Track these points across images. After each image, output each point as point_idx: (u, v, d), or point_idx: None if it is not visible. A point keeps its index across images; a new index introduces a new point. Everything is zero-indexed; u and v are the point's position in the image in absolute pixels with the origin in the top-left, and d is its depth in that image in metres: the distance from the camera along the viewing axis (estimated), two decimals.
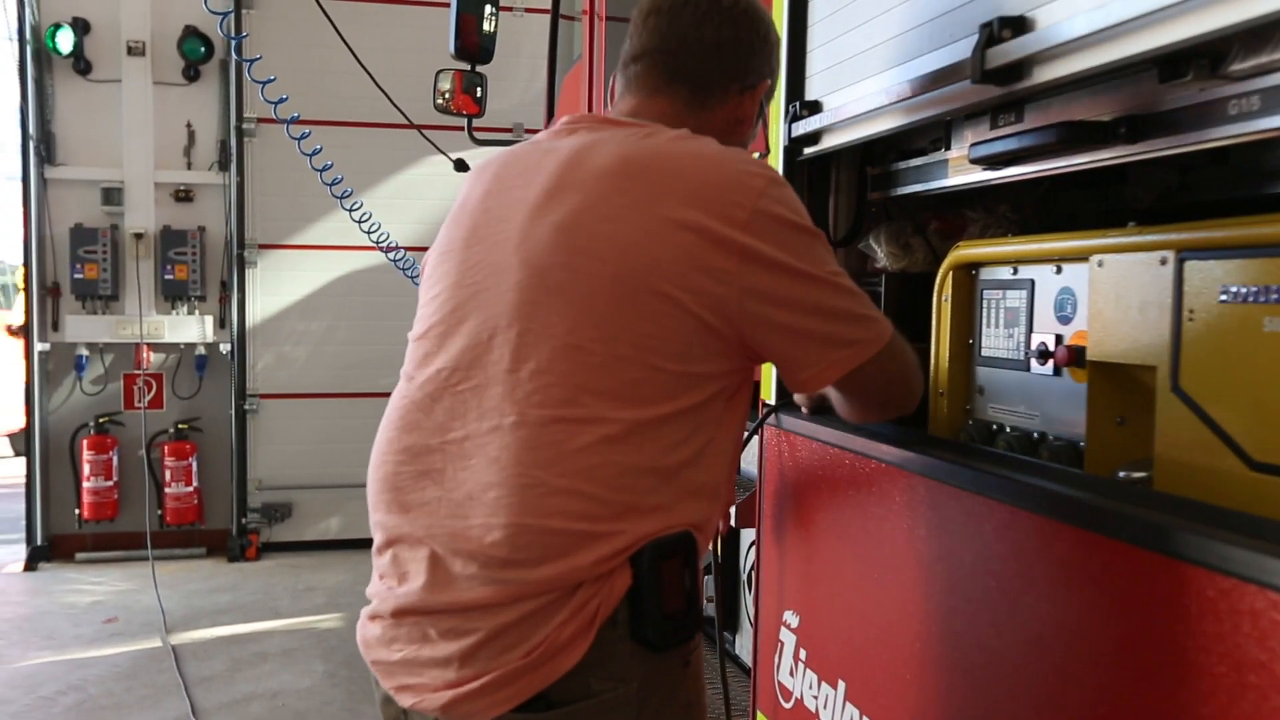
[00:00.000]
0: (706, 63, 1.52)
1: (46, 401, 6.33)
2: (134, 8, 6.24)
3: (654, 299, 1.32)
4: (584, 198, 1.37)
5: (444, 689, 1.34)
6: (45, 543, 6.28)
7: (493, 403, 1.34)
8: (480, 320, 1.39)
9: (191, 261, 6.38)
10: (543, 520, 1.30)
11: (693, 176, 1.35)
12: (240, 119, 6.36)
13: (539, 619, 1.31)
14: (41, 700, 4.12)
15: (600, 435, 1.31)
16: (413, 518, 1.39)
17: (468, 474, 1.35)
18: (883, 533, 1.60)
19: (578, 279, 1.33)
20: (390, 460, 1.43)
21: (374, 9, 6.12)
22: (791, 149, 1.99)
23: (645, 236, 1.33)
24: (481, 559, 1.32)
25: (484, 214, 1.46)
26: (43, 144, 6.19)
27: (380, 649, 1.41)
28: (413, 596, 1.36)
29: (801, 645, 1.88)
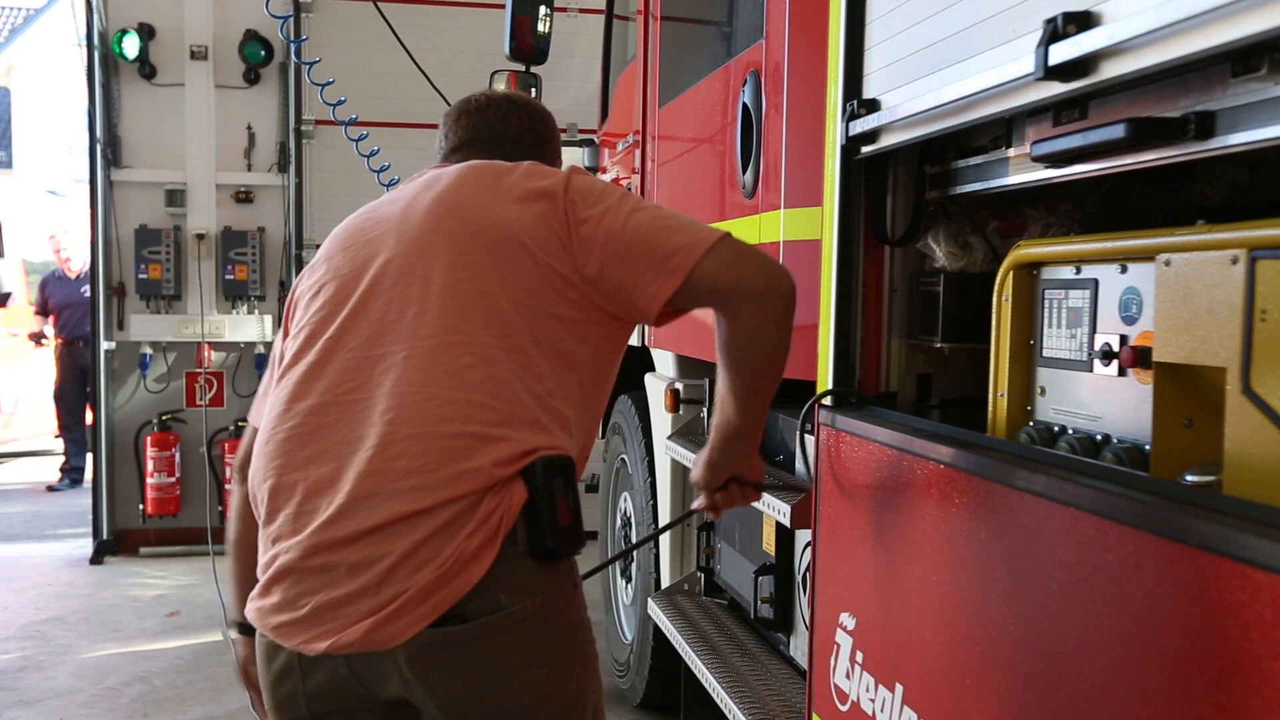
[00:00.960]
0: (517, 147, 1.81)
1: (112, 399, 6.46)
2: (197, 13, 6.35)
3: (510, 246, 1.57)
4: (440, 190, 1.65)
5: (362, 619, 1.42)
6: (111, 537, 6.41)
7: (383, 349, 1.53)
8: (364, 292, 1.59)
9: (251, 261, 6.48)
10: (439, 426, 1.46)
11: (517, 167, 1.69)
12: (299, 121, 6.45)
13: (448, 532, 1.43)
14: (108, 690, 4.21)
15: (481, 356, 1.51)
16: (317, 466, 1.50)
17: (366, 411, 1.49)
18: (941, 535, 1.59)
19: (444, 239, 1.59)
20: (281, 427, 1.55)
21: (430, 11, 6.18)
22: (848, 148, 1.98)
23: (495, 203, 1.62)
24: (386, 474, 1.44)
25: (353, 230, 1.71)
26: (109, 147, 6.33)
27: (283, 613, 1.48)
28: (320, 534, 1.45)
29: (858, 648, 1.86)
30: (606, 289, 1.61)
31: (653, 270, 1.59)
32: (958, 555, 1.54)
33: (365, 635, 1.42)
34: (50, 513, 7.89)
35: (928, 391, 2.07)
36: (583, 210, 1.61)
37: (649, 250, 1.59)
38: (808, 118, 2.33)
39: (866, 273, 2.03)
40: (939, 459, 1.60)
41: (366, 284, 1.60)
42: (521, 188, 1.64)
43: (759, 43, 2.63)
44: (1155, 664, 1.15)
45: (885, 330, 2.06)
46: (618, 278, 1.60)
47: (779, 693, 2.56)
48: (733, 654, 2.86)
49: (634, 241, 1.60)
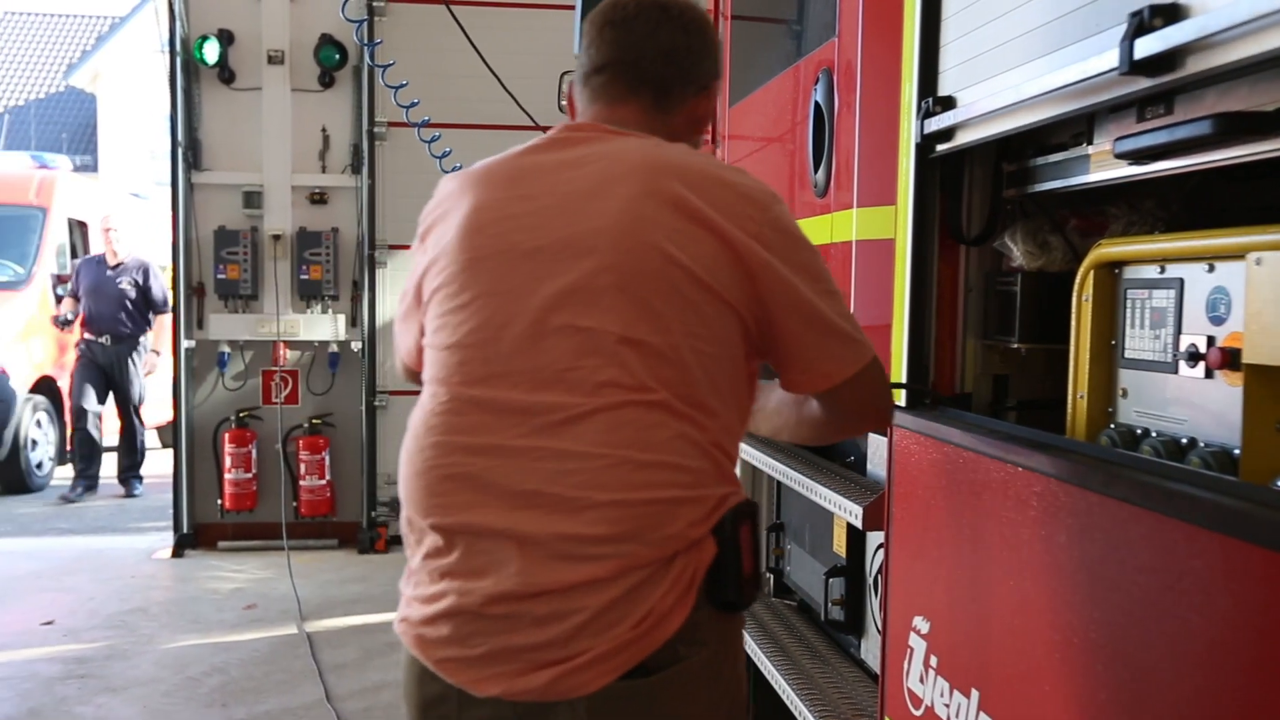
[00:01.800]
0: (665, 70, 1.63)
1: (192, 396, 6.62)
2: (274, 18, 6.49)
3: (696, 290, 1.45)
4: (621, 202, 1.47)
5: (544, 668, 1.40)
6: (190, 531, 6.57)
7: (556, 398, 1.43)
8: (527, 324, 1.46)
9: (325, 262, 6.59)
10: (635, 493, 1.41)
11: (708, 182, 1.50)
12: (371, 123, 6.55)
13: (644, 590, 1.40)
14: (189, 680, 4.32)
15: (671, 414, 1.44)
16: (484, 513, 1.43)
17: (540, 464, 1.42)
18: (1019, 539, 1.56)
19: (626, 277, 1.44)
20: (440, 461, 1.48)
21: (500, 13, 6.23)
22: (923, 146, 1.95)
23: (680, 236, 1.45)
24: (580, 538, 1.39)
25: (511, 222, 1.52)
26: (190, 151, 6.49)
27: (451, 647, 1.44)
28: (506, 585, 1.41)
29: (932, 652, 1.84)
30: (761, 345, 1.55)
31: (800, 367, 1.55)
32: (1036, 560, 1.51)
33: (548, 684, 1.40)
34: (133, 507, 8.12)
35: (1004, 393, 2.04)
36: (776, 267, 1.48)
37: (817, 346, 1.53)
38: (881, 116, 2.30)
39: (941, 272, 2.01)
40: (1016, 461, 1.58)
41: (531, 318, 1.46)
42: (702, 213, 1.47)
43: (831, 41, 2.61)
44: (1245, 675, 1.12)
45: (960, 330, 2.03)
46: (775, 350, 1.55)
47: (850, 696, 2.54)
48: (803, 656, 2.84)
49: (811, 330, 1.52)
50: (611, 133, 1.58)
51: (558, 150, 1.57)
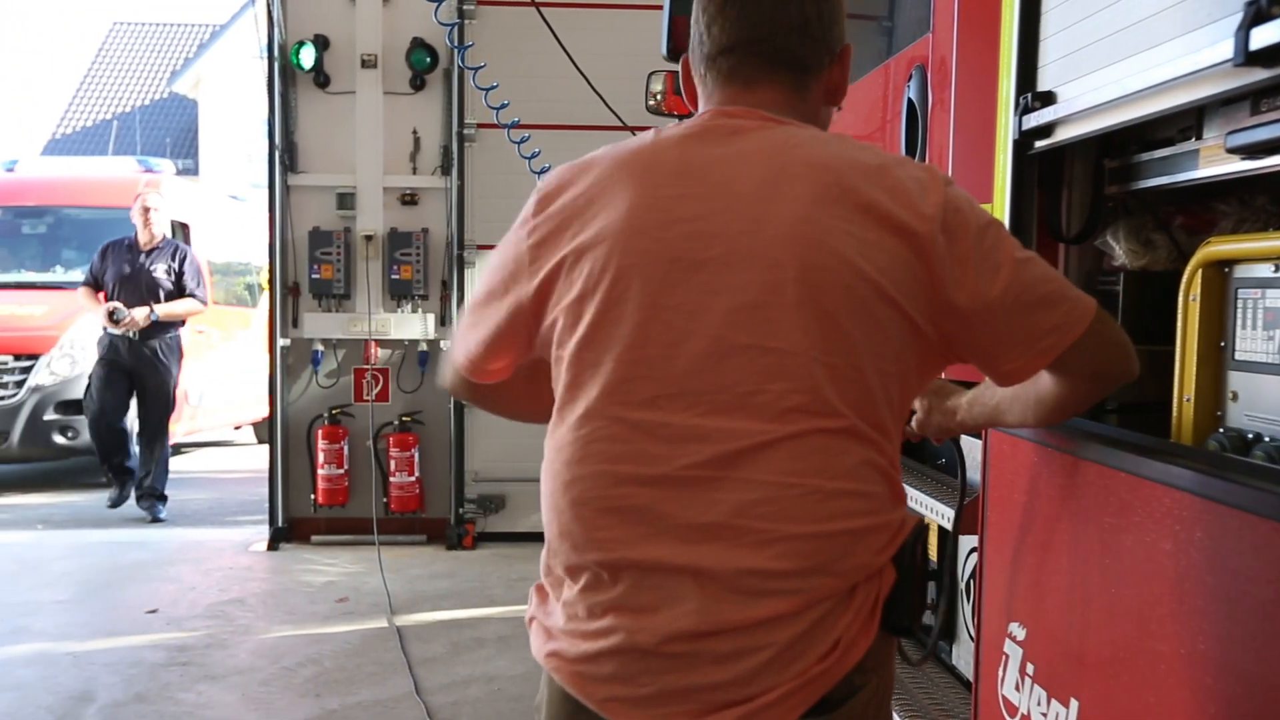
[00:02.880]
0: (801, 44, 1.49)
1: (287, 393, 6.78)
2: (368, 23, 6.62)
3: (883, 307, 1.34)
4: (801, 207, 1.35)
5: (726, 708, 1.32)
6: (285, 525, 6.73)
7: (737, 424, 1.32)
8: (703, 343, 1.34)
9: (416, 262, 6.70)
10: (823, 525, 1.33)
11: (884, 178, 1.37)
12: (461, 125, 6.64)
13: (829, 622, 1.33)
14: (284, 670, 4.43)
15: (857, 439, 1.34)
16: (656, 547, 1.34)
17: (720, 495, 1.32)
18: (1122, 545, 1.52)
19: (811, 293, 1.33)
20: (605, 493, 1.37)
21: (589, 14, 6.26)
22: (1021, 143, 1.91)
23: (865, 246, 1.34)
24: (764, 573, 1.31)
25: (673, 229, 1.37)
26: (286, 153, 6.65)
27: (615, 686, 1.36)
28: (682, 623, 1.32)
29: (1029, 659, 1.80)
30: (960, 347, 1.42)
31: (1021, 347, 1.40)
32: (1140, 568, 1.47)
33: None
34: (231, 500, 8.36)
35: None
36: (961, 253, 1.35)
37: (1024, 323, 1.38)
38: (976, 113, 2.26)
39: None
40: (1119, 465, 1.53)
41: (709, 335, 1.34)
42: (884, 211, 1.34)
43: (925, 37, 2.57)
44: None
45: None
46: (980, 343, 1.41)
47: (941, 702, 2.50)
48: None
49: (1013, 308, 1.37)
50: (772, 120, 1.44)
51: (720, 142, 1.43)
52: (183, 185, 11.12)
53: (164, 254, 7.33)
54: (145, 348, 7.25)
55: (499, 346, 1.52)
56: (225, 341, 10.84)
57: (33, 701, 4.06)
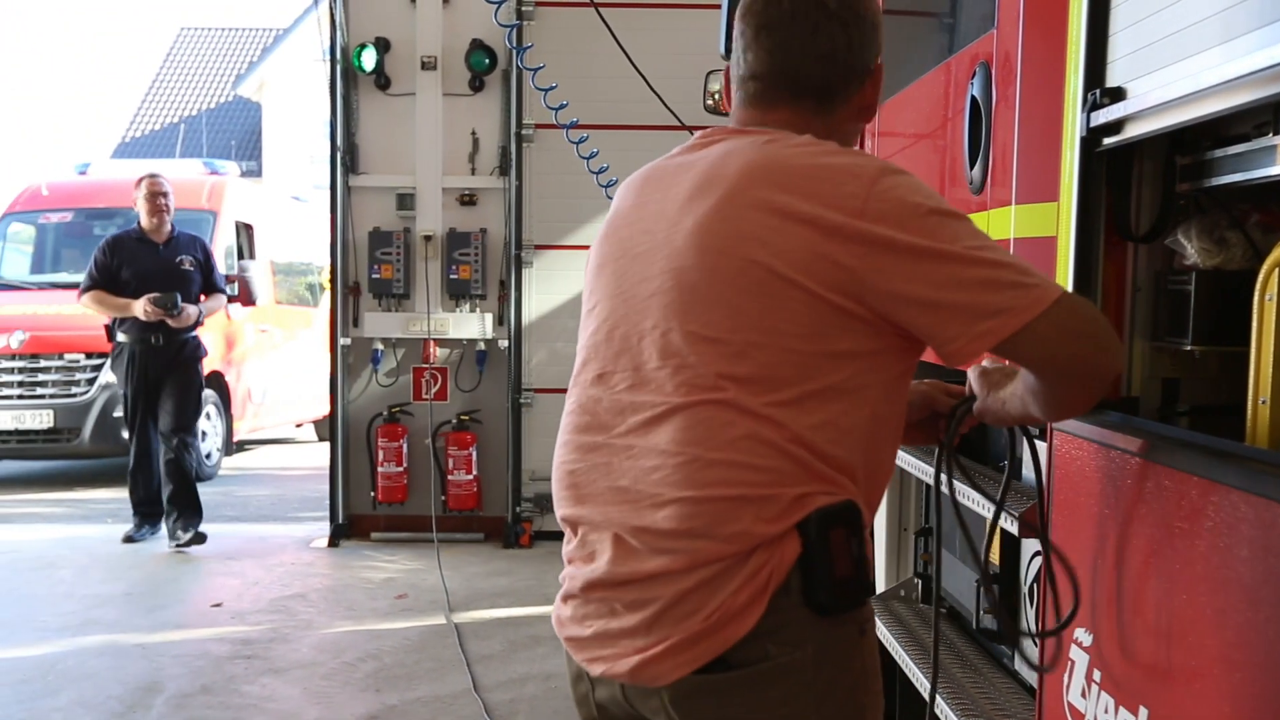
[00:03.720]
0: (828, 73, 1.59)
1: (347, 392, 6.88)
2: (428, 25, 6.69)
3: (780, 285, 1.43)
4: (712, 203, 1.49)
5: (631, 655, 1.48)
6: (345, 521, 6.83)
7: (646, 397, 1.50)
8: (630, 325, 1.54)
9: (474, 262, 6.76)
10: (704, 491, 1.44)
11: (807, 174, 1.46)
12: (519, 125, 6.69)
13: (715, 585, 1.43)
14: (345, 665, 4.50)
15: (742, 413, 1.43)
16: (591, 506, 1.55)
17: (631, 462, 1.51)
18: (1194, 551, 1.48)
19: (708, 276, 1.47)
20: (567, 458, 1.60)
21: (647, 14, 6.27)
22: (1089, 140, 1.88)
23: (768, 232, 1.44)
24: (655, 532, 1.46)
25: (630, 227, 1.61)
26: (348, 155, 6.75)
27: (573, 626, 1.57)
28: (599, 572, 1.52)
29: (1095, 666, 1.76)
30: (910, 330, 1.45)
31: (957, 327, 1.40)
32: (1213, 574, 1.43)
33: (633, 670, 1.48)
34: (292, 497, 8.50)
35: (1174, 397, 1.94)
36: (887, 238, 1.40)
37: (961, 304, 1.39)
38: (1042, 110, 2.22)
39: (1107, 271, 1.92)
40: (1190, 469, 1.50)
41: (631, 323, 1.54)
42: (791, 204, 1.43)
43: (989, 33, 2.53)
44: None
45: (1128, 332, 1.94)
46: (922, 326, 1.43)
47: (1003, 708, 2.46)
48: (953, 664, 2.77)
49: (948, 288, 1.39)
50: (735, 133, 1.59)
51: (686, 154, 1.61)
52: (247, 187, 11.32)
53: (184, 246, 6.56)
54: (176, 351, 6.45)
55: None
56: (287, 341, 11.02)
57: (103, 691, 4.16)
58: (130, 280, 6.32)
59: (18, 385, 8.81)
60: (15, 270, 9.94)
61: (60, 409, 8.71)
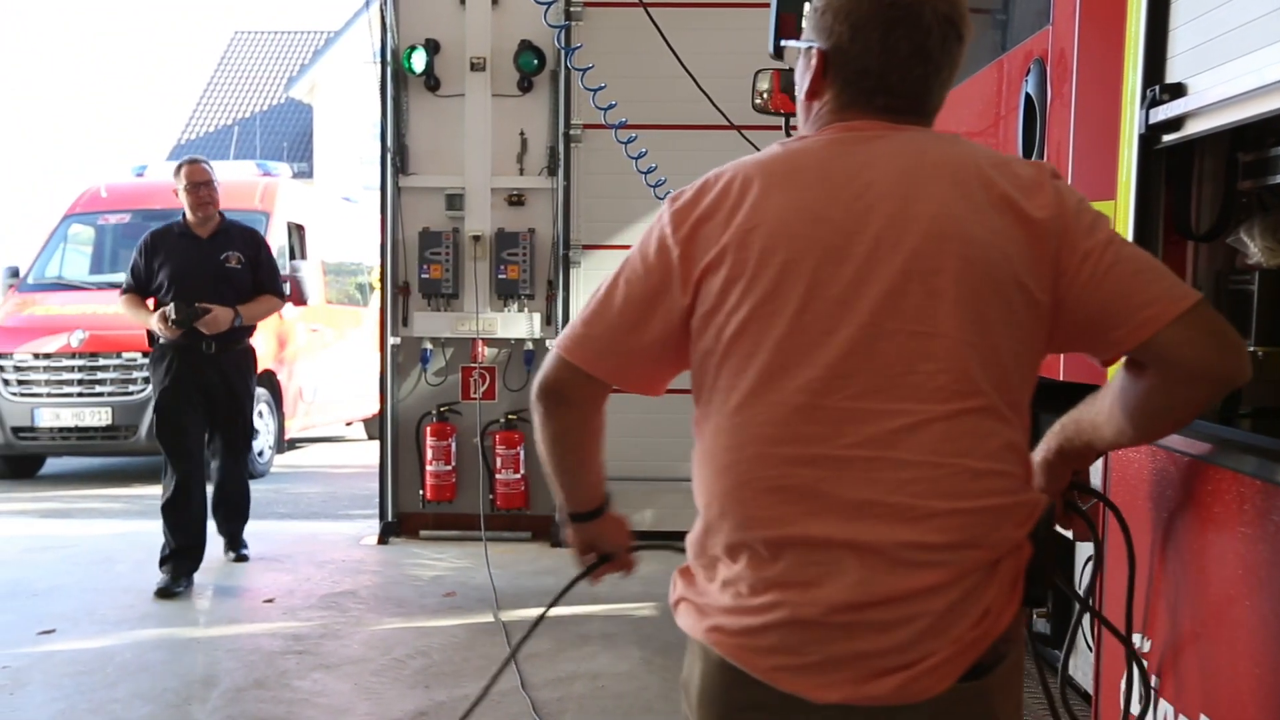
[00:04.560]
0: (940, 96, 1.56)
1: (397, 390, 6.93)
2: (477, 26, 6.72)
3: (1015, 288, 1.41)
4: (930, 204, 1.43)
5: (890, 674, 1.40)
6: (395, 519, 6.88)
7: (892, 404, 1.41)
8: (856, 327, 1.41)
9: (522, 262, 6.78)
10: (976, 502, 1.40)
11: (1014, 174, 1.45)
12: (568, 126, 6.70)
13: (978, 593, 1.41)
14: (394, 661, 4.54)
15: (999, 420, 1.43)
16: (822, 522, 1.42)
17: (878, 474, 1.41)
18: (1257, 555, 1.45)
19: (954, 277, 1.40)
20: (768, 473, 1.44)
21: (695, 14, 6.26)
22: (1148, 137, 1.85)
23: (996, 234, 1.41)
24: (924, 546, 1.39)
25: (815, 225, 1.45)
26: (398, 156, 6.81)
27: (780, 656, 1.43)
28: (844, 594, 1.40)
29: (1153, 672, 1.73)
30: (1067, 325, 1.46)
31: (1124, 314, 1.41)
32: (1276, 579, 1.40)
33: (897, 689, 1.41)
34: (343, 495, 8.60)
35: (1236, 399, 1.91)
36: (1080, 240, 1.42)
37: (1128, 290, 1.41)
38: (1099, 107, 2.19)
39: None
40: (1254, 472, 1.47)
41: (859, 322, 1.42)
42: (1012, 201, 1.42)
43: (1044, 29, 2.50)
44: None
45: None
46: (1088, 313, 1.44)
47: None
48: None
49: (1117, 277, 1.41)
50: (895, 127, 1.51)
51: (854, 147, 1.49)
52: (299, 188, 11.47)
53: (232, 239, 5.60)
54: (224, 364, 5.55)
55: (646, 349, 1.56)
56: (338, 340, 11.15)
57: (160, 684, 4.23)
58: (166, 281, 5.41)
59: (77, 383, 9.00)
60: (75, 270, 10.15)
61: (118, 406, 8.89)
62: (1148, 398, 1.47)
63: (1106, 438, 1.57)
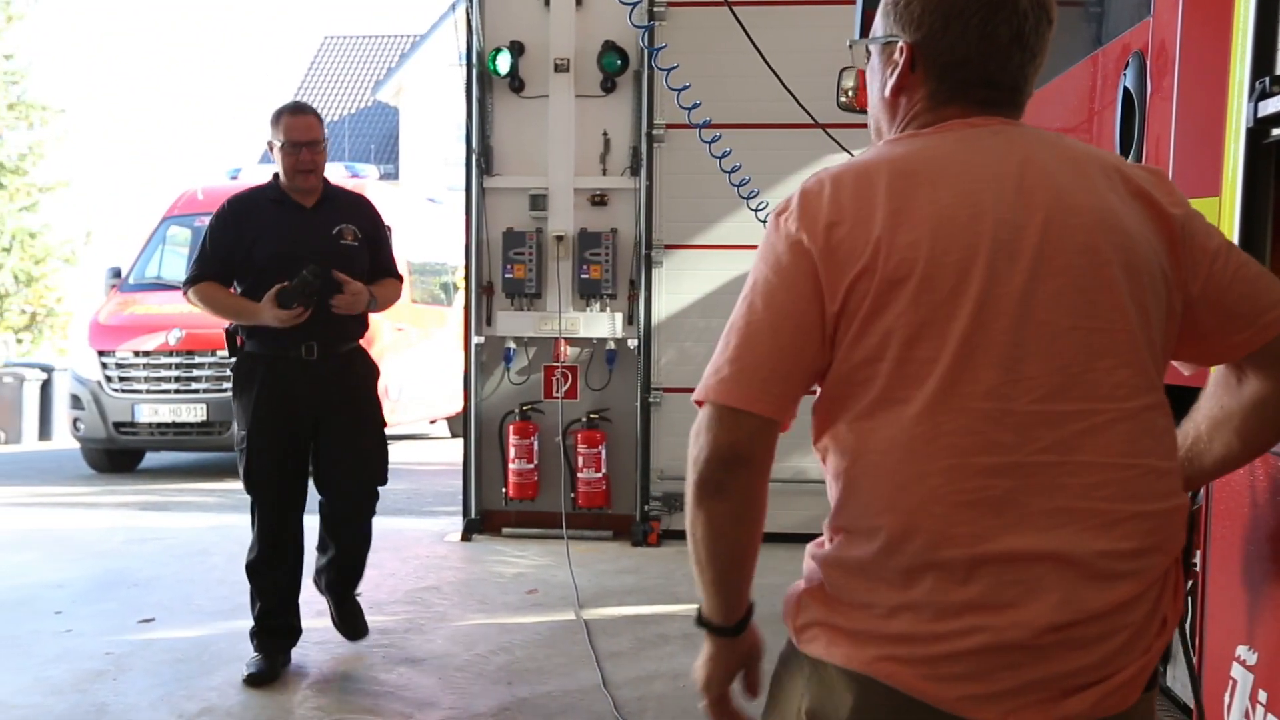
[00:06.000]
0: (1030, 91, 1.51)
1: (480, 389, 7.02)
2: (561, 28, 6.78)
3: (1163, 285, 1.39)
4: (1088, 197, 1.38)
5: (1082, 691, 1.33)
6: (478, 516, 6.97)
7: (1076, 405, 1.34)
8: (1032, 326, 1.34)
9: (604, 261, 6.82)
10: (1161, 504, 1.36)
11: (1137, 169, 1.45)
12: (650, 126, 6.72)
13: (1161, 599, 1.38)
14: (477, 657, 4.59)
15: (1166, 416, 1.39)
16: (1020, 536, 1.32)
17: (1067, 479, 1.33)
18: None
19: (1122, 273, 1.36)
20: (962, 487, 1.33)
21: (780, 11, 6.23)
22: (1256, 131, 1.78)
23: (1145, 229, 1.38)
24: (1118, 554, 1.33)
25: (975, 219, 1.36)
26: (483, 157, 6.89)
27: (970, 684, 1.33)
28: (1051, 615, 1.32)
29: (1261, 686, 1.67)
30: (1185, 331, 1.43)
31: (1247, 318, 1.41)
32: None
33: (1092, 706, 1.34)
34: (427, 492, 8.73)
35: None
36: (1205, 240, 1.42)
37: (1248, 296, 1.41)
38: (1202, 101, 2.12)
39: (1274, 270, 1.82)
40: None
41: (1036, 319, 1.34)
42: (1153, 199, 1.41)
43: (1144, 21, 2.43)
44: None
45: None
46: (1210, 318, 1.42)
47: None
48: None
49: (1236, 282, 1.41)
50: (1008, 122, 1.46)
51: (984, 141, 1.43)
52: (385, 189, 11.68)
53: (340, 210, 4.19)
54: (337, 374, 4.12)
55: (808, 369, 1.40)
56: (423, 339, 11.34)
57: None
58: (265, 262, 3.98)
59: (174, 380, 9.30)
60: (173, 271, 10.47)
61: (213, 403, 9.15)
62: (1259, 406, 1.44)
63: (1214, 456, 1.52)
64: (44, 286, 19.34)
